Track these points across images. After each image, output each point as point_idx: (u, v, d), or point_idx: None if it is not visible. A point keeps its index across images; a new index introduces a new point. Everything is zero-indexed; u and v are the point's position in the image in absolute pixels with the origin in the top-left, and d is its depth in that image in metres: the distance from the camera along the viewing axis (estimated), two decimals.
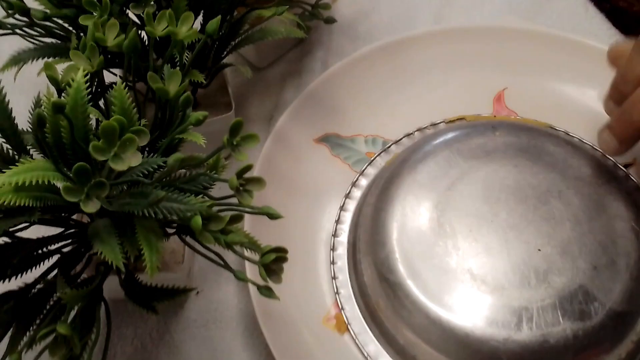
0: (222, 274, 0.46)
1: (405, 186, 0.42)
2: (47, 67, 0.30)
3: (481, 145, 0.43)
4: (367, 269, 0.42)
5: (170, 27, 0.33)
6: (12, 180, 0.25)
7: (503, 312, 0.36)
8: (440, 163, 0.42)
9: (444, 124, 0.49)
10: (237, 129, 0.29)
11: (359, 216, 0.45)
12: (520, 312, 0.36)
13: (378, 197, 0.43)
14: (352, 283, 0.43)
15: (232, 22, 0.43)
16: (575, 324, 0.36)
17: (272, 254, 0.30)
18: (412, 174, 0.42)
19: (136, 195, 0.29)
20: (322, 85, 0.50)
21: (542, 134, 0.44)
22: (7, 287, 0.33)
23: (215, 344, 0.43)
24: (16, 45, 0.39)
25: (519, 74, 0.51)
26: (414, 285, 0.38)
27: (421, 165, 0.42)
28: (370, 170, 0.48)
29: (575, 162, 0.41)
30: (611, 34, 0.56)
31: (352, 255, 0.44)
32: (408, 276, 0.39)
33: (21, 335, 0.33)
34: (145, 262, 0.29)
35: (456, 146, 0.43)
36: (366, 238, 0.42)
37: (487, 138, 0.43)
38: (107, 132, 0.26)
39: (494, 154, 0.42)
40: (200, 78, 0.38)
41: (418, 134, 0.49)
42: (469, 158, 0.42)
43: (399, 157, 0.46)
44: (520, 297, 0.37)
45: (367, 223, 0.43)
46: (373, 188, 0.45)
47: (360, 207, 0.46)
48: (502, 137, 0.43)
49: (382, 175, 0.45)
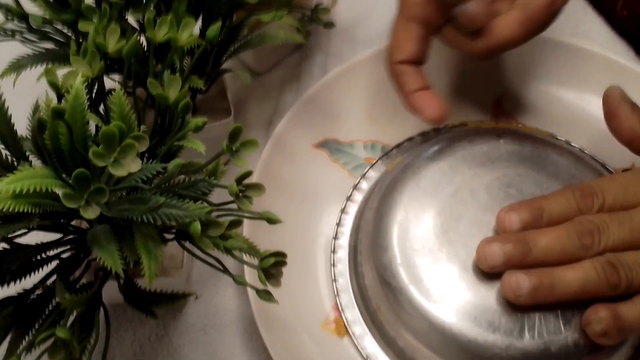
0: (221, 278, 0.46)
1: (409, 192, 0.42)
2: (47, 72, 0.30)
3: (485, 152, 0.42)
4: (368, 272, 0.42)
5: (170, 33, 0.33)
6: (10, 188, 0.25)
7: (506, 320, 0.36)
8: (444, 169, 0.42)
9: (446, 129, 0.49)
10: (236, 134, 0.29)
11: (360, 220, 0.45)
12: (523, 320, 0.36)
13: (381, 201, 0.43)
14: (353, 286, 0.43)
15: (231, 27, 0.43)
16: (576, 333, 0.36)
17: (271, 259, 0.31)
18: (416, 180, 0.42)
19: (135, 201, 0.29)
20: (321, 90, 0.50)
21: (545, 144, 0.43)
22: (6, 293, 0.33)
23: (214, 348, 0.43)
24: (14, 50, 0.39)
25: (517, 79, 0.51)
26: (416, 291, 0.38)
27: (425, 171, 0.42)
28: (372, 174, 0.48)
29: (578, 172, 0.41)
30: (609, 38, 0.56)
31: (353, 258, 0.44)
32: (410, 282, 0.39)
33: (20, 339, 0.33)
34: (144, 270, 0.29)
35: (460, 153, 0.43)
36: (368, 242, 0.42)
37: (491, 146, 0.43)
38: (107, 138, 0.26)
39: (497, 162, 0.42)
40: (200, 84, 0.38)
41: (420, 138, 0.49)
42: (473, 165, 0.42)
43: (402, 161, 0.46)
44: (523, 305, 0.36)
45: (369, 227, 0.43)
46: (375, 192, 0.45)
47: (361, 210, 0.45)
48: (506, 145, 0.43)
49: (385, 179, 0.45)
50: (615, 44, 0.55)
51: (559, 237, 0.36)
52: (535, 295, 0.35)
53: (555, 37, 0.52)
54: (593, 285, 0.35)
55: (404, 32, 0.42)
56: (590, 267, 0.35)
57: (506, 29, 0.40)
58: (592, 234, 0.36)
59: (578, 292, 0.35)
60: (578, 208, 0.37)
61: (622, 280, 0.35)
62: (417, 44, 0.42)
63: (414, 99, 0.42)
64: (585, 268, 0.35)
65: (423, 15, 0.42)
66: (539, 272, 0.36)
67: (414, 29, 0.42)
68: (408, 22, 0.42)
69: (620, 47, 0.55)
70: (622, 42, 0.55)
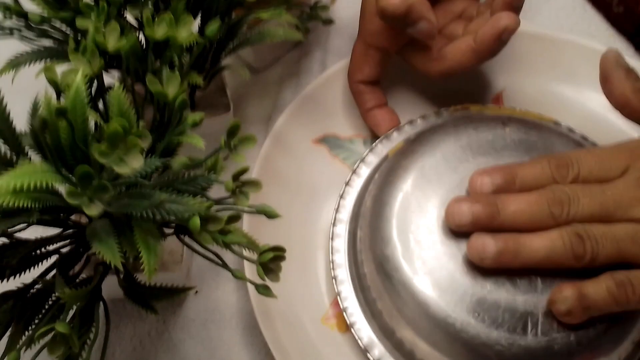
0: (221, 273, 0.46)
1: (412, 180, 0.41)
2: (47, 69, 0.30)
3: (491, 141, 0.42)
4: (367, 262, 0.41)
5: (169, 30, 0.33)
6: (10, 183, 0.25)
7: (509, 317, 0.36)
8: (449, 158, 0.41)
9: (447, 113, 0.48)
10: (234, 130, 0.30)
11: (359, 207, 0.44)
12: (526, 317, 0.36)
13: (382, 189, 0.42)
14: (352, 274, 0.43)
15: (230, 24, 0.43)
16: (579, 332, 0.36)
17: (269, 253, 0.31)
18: (419, 168, 0.41)
19: (135, 196, 0.29)
20: (321, 86, 0.50)
21: (550, 132, 0.43)
22: (5, 288, 0.33)
23: (214, 342, 0.44)
24: (13, 46, 0.40)
25: (517, 75, 0.52)
26: (418, 285, 0.37)
27: (429, 158, 0.41)
28: (371, 158, 0.47)
29: None
30: (609, 35, 0.56)
31: (352, 246, 0.43)
32: (413, 275, 0.38)
33: (20, 334, 0.33)
34: (144, 265, 0.29)
35: (465, 140, 0.42)
36: (368, 231, 0.41)
37: (496, 134, 0.42)
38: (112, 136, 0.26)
39: (502, 151, 0.41)
40: (199, 81, 0.38)
41: (421, 121, 0.48)
42: (478, 154, 0.41)
43: (404, 147, 0.45)
44: (527, 302, 0.36)
45: (369, 215, 0.42)
46: (376, 178, 0.44)
47: (361, 197, 0.44)
48: (512, 134, 0.42)
49: (386, 165, 0.44)
50: (615, 41, 0.55)
51: (529, 203, 0.36)
52: (500, 259, 0.36)
53: (555, 34, 0.52)
54: (558, 254, 0.35)
55: (363, 56, 0.47)
56: (558, 236, 0.35)
57: (458, 55, 0.43)
58: (562, 204, 0.36)
59: (543, 260, 0.35)
60: (552, 177, 0.38)
61: (587, 252, 0.35)
62: (374, 67, 0.47)
63: (371, 116, 0.48)
64: (552, 237, 0.36)
65: (380, 43, 0.46)
66: (506, 236, 0.36)
67: (372, 54, 0.47)
68: (367, 47, 0.47)
69: (620, 44, 0.55)
70: (621, 39, 0.56)
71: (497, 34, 0.41)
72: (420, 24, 0.41)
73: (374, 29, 0.45)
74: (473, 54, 0.43)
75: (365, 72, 0.47)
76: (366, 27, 0.46)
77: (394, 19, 0.41)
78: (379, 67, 0.47)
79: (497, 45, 0.42)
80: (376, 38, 0.46)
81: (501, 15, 0.41)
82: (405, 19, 0.41)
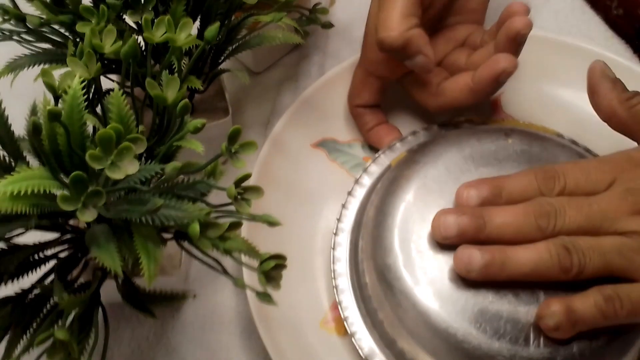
0: (219, 277, 0.45)
1: (414, 190, 0.41)
2: (44, 73, 0.30)
3: (493, 152, 0.42)
4: (368, 271, 0.41)
5: (168, 33, 0.33)
6: (9, 190, 0.25)
7: (511, 328, 0.36)
8: (451, 168, 0.41)
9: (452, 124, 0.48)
10: (235, 136, 0.29)
11: (362, 216, 0.44)
12: (529, 329, 0.36)
13: (384, 199, 0.42)
14: (353, 284, 0.42)
15: (230, 28, 0.43)
16: (582, 343, 0.35)
17: (271, 261, 0.30)
18: (422, 178, 0.41)
19: (133, 202, 0.29)
20: (319, 89, 0.50)
21: (553, 144, 0.43)
22: (4, 293, 0.33)
23: (213, 346, 0.43)
24: (12, 50, 0.39)
25: (515, 78, 0.51)
26: (420, 294, 0.37)
27: (431, 168, 0.41)
28: (374, 168, 0.47)
29: None
30: (608, 37, 0.56)
31: (354, 255, 0.43)
32: (414, 285, 0.38)
33: (18, 339, 0.33)
34: (143, 271, 0.29)
35: (468, 151, 0.42)
36: (370, 240, 0.41)
37: (499, 145, 0.42)
38: (103, 140, 0.26)
39: (505, 163, 0.41)
40: (198, 85, 0.37)
41: (424, 132, 0.48)
42: (481, 165, 0.41)
43: (406, 157, 0.45)
44: (529, 313, 0.36)
45: (371, 225, 0.42)
46: (378, 188, 0.44)
47: (363, 206, 0.44)
48: (515, 145, 0.42)
49: (388, 175, 0.44)
50: (614, 43, 0.55)
51: (515, 215, 0.36)
52: (487, 272, 0.35)
53: (554, 36, 0.52)
54: (545, 267, 0.35)
55: (363, 83, 0.48)
56: (545, 248, 0.35)
57: (456, 92, 0.44)
58: (548, 216, 0.36)
59: (530, 272, 0.35)
60: (539, 189, 0.37)
61: (574, 265, 0.35)
62: (373, 94, 0.48)
63: (373, 134, 0.49)
64: (539, 249, 0.35)
65: (380, 72, 0.47)
66: (493, 249, 0.36)
67: (372, 82, 0.48)
68: (367, 74, 0.48)
69: (619, 46, 0.55)
70: (620, 41, 0.56)
71: (495, 76, 0.42)
72: (417, 58, 0.42)
73: (375, 58, 0.46)
74: (470, 92, 0.43)
75: (364, 98, 0.48)
76: (367, 56, 0.47)
77: (391, 51, 0.42)
78: (378, 94, 0.48)
79: (494, 87, 0.43)
80: (376, 67, 0.47)
81: (499, 58, 0.42)
82: (402, 51, 0.42)
